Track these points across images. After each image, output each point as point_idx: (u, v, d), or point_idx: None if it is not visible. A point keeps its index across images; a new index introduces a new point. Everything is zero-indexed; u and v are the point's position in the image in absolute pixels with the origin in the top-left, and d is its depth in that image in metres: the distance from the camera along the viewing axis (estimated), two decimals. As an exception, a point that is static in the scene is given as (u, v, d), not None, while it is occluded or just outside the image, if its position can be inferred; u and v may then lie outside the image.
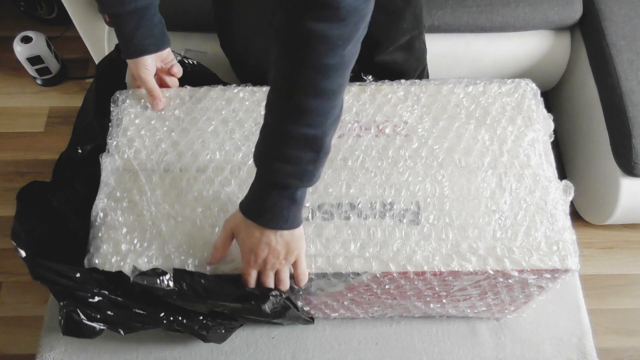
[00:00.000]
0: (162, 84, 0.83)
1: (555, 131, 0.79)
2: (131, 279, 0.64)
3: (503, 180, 0.74)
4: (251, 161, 0.73)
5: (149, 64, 0.79)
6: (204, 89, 0.83)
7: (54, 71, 1.61)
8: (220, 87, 0.83)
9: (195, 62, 0.90)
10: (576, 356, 0.86)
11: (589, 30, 1.30)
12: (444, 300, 0.79)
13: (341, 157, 0.76)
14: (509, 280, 0.71)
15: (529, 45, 1.34)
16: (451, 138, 0.77)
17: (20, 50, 1.51)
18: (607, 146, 1.22)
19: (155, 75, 0.81)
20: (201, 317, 0.75)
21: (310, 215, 0.71)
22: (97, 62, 1.49)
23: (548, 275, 0.70)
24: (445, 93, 0.81)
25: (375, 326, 0.88)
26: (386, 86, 0.82)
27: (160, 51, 0.80)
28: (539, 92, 0.82)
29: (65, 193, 0.77)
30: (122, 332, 0.73)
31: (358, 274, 0.68)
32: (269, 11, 0.96)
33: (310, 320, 0.86)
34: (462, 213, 0.71)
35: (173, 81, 0.84)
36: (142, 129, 0.79)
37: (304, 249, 0.66)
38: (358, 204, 0.72)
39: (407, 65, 1.04)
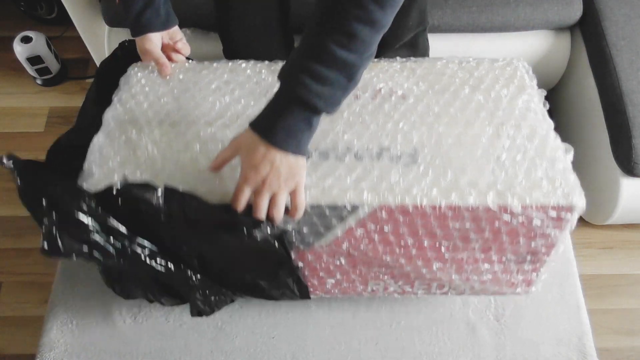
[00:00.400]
0: (169, 60, 0.85)
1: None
2: (118, 187, 0.62)
3: (500, 130, 0.73)
4: (250, 110, 0.75)
5: (154, 39, 0.83)
6: (208, 62, 0.85)
7: (54, 71, 1.61)
8: (225, 60, 0.85)
9: None
10: (576, 356, 0.86)
11: (589, 30, 1.30)
12: (446, 257, 0.74)
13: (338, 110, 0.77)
14: (513, 222, 0.68)
15: (529, 45, 1.34)
16: (447, 98, 0.77)
17: (20, 50, 1.51)
18: (607, 146, 1.22)
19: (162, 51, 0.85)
20: (189, 271, 0.72)
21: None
22: (97, 62, 1.50)
23: (553, 214, 0.67)
24: (440, 67, 0.82)
25: (375, 326, 0.88)
26: (383, 61, 0.83)
27: (167, 29, 0.84)
28: (530, 69, 0.83)
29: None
30: (100, 259, 0.66)
31: (354, 207, 0.66)
32: (267, 10, 0.97)
33: (305, 291, 0.80)
34: (460, 154, 0.70)
35: (179, 58, 0.86)
36: (146, 87, 0.81)
37: (304, 181, 0.64)
38: (354, 147, 0.71)
39: None
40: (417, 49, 1.04)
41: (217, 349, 0.86)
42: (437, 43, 1.30)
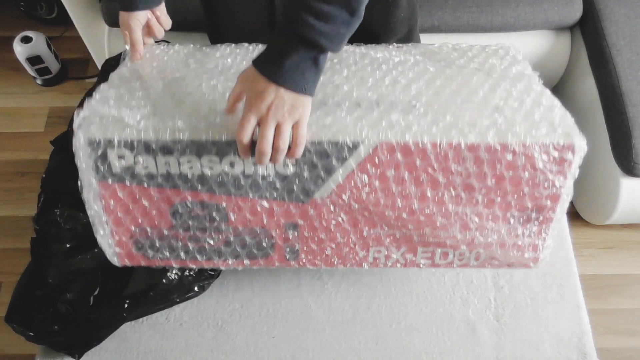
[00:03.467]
0: (150, 32, 0.85)
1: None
2: None
3: (496, 86, 0.74)
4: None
5: (140, 17, 0.82)
6: (207, 45, 0.86)
7: (54, 71, 1.61)
8: (225, 44, 0.85)
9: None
10: (576, 356, 0.86)
11: (589, 30, 1.30)
12: (450, 210, 0.72)
13: (337, 61, 0.78)
14: (517, 162, 0.67)
15: (529, 45, 1.34)
16: (442, 65, 0.79)
17: (20, 50, 1.51)
18: (607, 146, 1.22)
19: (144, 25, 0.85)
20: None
21: None
22: (97, 62, 1.50)
23: (555, 154, 0.66)
24: (435, 50, 0.84)
25: (375, 326, 0.88)
26: (379, 46, 0.85)
27: (152, 7, 0.83)
28: (521, 52, 0.85)
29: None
30: None
31: (355, 145, 0.65)
32: (256, 8, 0.96)
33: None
34: (458, 100, 0.70)
35: (159, 31, 0.86)
36: (149, 59, 0.81)
37: (308, 116, 0.63)
38: (353, 95, 0.71)
39: None
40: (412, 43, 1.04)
41: (217, 348, 0.86)
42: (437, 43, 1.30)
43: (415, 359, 0.86)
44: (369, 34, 0.87)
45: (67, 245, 0.84)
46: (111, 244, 0.75)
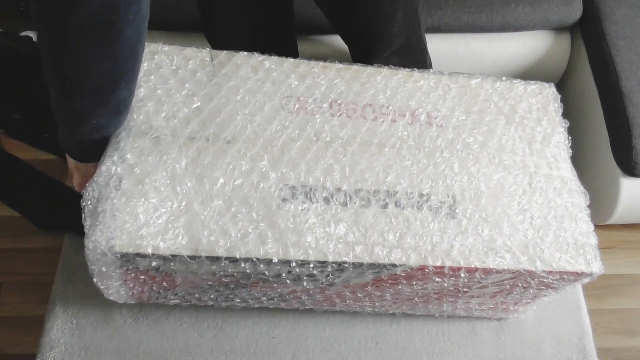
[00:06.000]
0: None
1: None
2: None
3: (533, 180, 0.74)
4: (284, 136, 0.70)
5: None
6: (226, 53, 0.75)
7: (54, 71, 1.61)
8: (244, 53, 0.76)
9: None
10: (576, 356, 0.86)
11: (589, 30, 1.30)
12: (460, 296, 0.78)
13: (377, 142, 0.73)
14: (532, 281, 0.71)
15: (529, 45, 1.34)
16: (484, 132, 0.77)
17: (21, 50, 1.51)
18: (607, 146, 1.22)
19: None
20: None
21: (348, 200, 0.68)
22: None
23: (571, 278, 0.70)
24: (475, 87, 0.81)
25: (375, 326, 0.88)
26: (416, 73, 0.81)
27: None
28: (559, 97, 0.84)
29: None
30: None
31: (395, 266, 0.66)
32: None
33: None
34: (497, 209, 0.71)
35: None
36: (157, 88, 0.70)
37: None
38: (396, 193, 0.70)
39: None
40: (411, 55, 1.02)
41: (217, 348, 0.86)
42: (437, 43, 1.30)
43: (415, 359, 0.86)
44: (364, 47, 0.86)
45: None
46: (123, 294, 0.76)
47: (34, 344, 0.87)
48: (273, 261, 0.63)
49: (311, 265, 0.64)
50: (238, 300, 0.80)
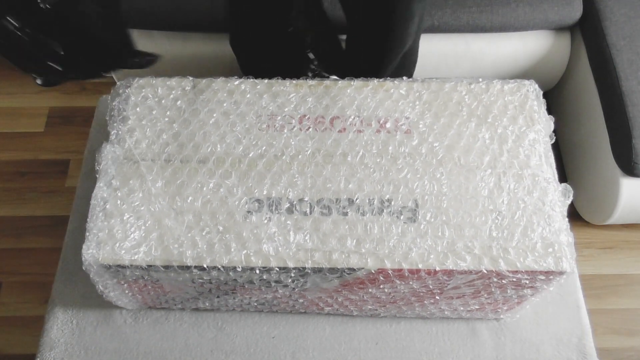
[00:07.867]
0: None
1: (555, 131, 0.79)
2: None
3: (502, 180, 0.74)
4: (252, 154, 0.75)
5: None
6: (206, 80, 0.82)
7: (54, 71, 1.61)
8: (222, 78, 0.83)
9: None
10: (576, 356, 0.86)
11: (589, 30, 1.30)
12: (437, 297, 0.79)
13: (341, 152, 0.76)
14: (503, 281, 0.71)
15: (529, 45, 1.34)
16: (452, 136, 0.77)
17: (20, 50, 1.51)
18: (607, 146, 1.22)
19: None
20: None
21: (308, 209, 0.72)
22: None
23: (542, 277, 0.70)
24: (448, 90, 0.81)
25: (375, 326, 0.88)
26: (389, 82, 0.82)
27: None
28: (541, 93, 0.82)
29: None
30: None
31: (353, 270, 0.69)
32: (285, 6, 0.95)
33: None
34: (460, 211, 0.72)
35: None
36: (143, 118, 0.79)
37: None
38: (356, 200, 0.72)
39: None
40: (403, 70, 1.03)
41: (217, 348, 0.86)
42: (437, 43, 1.30)
43: (415, 359, 0.86)
44: (361, 72, 0.86)
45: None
46: (127, 301, 0.83)
47: (33, 344, 0.87)
48: (237, 269, 0.68)
49: (274, 271, 0.69)
50: (232, 305, 0.84)
